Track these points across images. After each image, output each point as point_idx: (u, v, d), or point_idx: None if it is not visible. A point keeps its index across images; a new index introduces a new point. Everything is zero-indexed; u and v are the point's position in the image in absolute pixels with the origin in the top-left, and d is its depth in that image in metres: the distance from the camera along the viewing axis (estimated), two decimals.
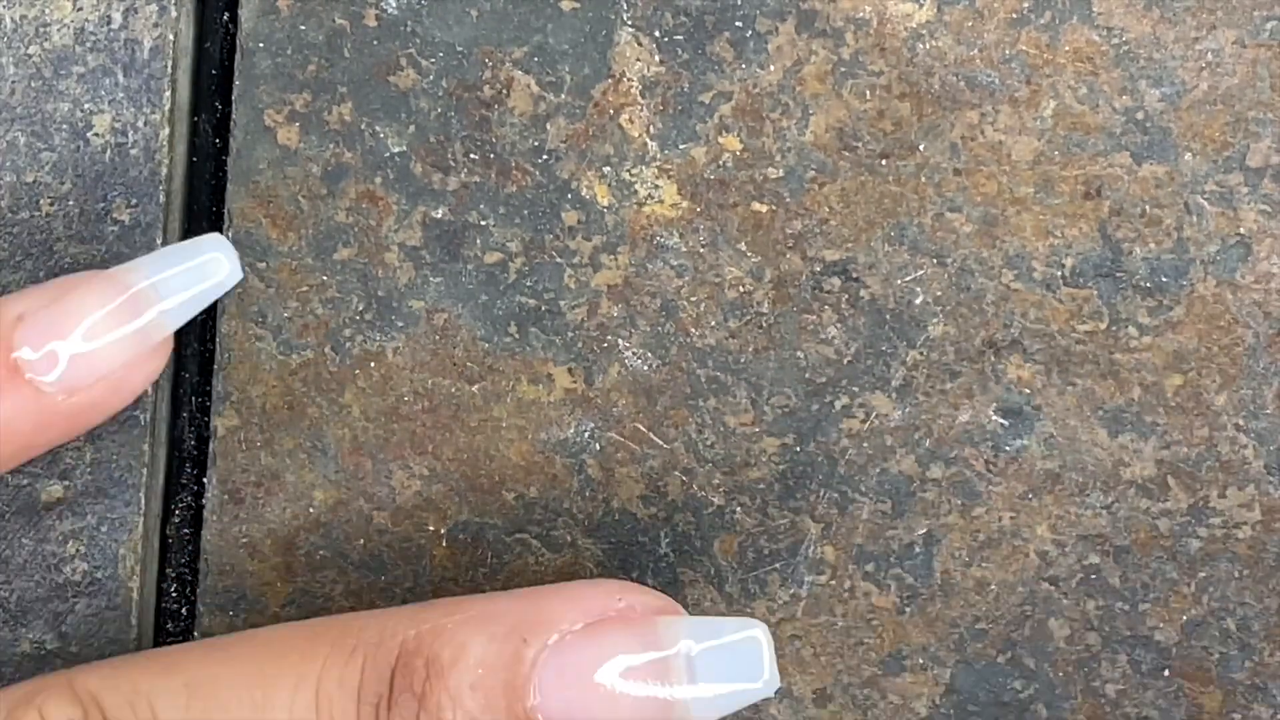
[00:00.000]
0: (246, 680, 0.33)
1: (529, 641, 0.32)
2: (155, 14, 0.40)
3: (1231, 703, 0.39)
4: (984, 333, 0.40)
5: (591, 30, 0.40)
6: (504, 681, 0.32)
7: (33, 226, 0.40)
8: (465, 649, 0.32)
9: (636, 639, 0.32)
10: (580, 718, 0.32)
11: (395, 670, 0.33)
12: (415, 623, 0.33)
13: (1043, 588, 0.40)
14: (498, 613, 0.33)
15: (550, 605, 0.33)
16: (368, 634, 0.33)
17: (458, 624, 0.33)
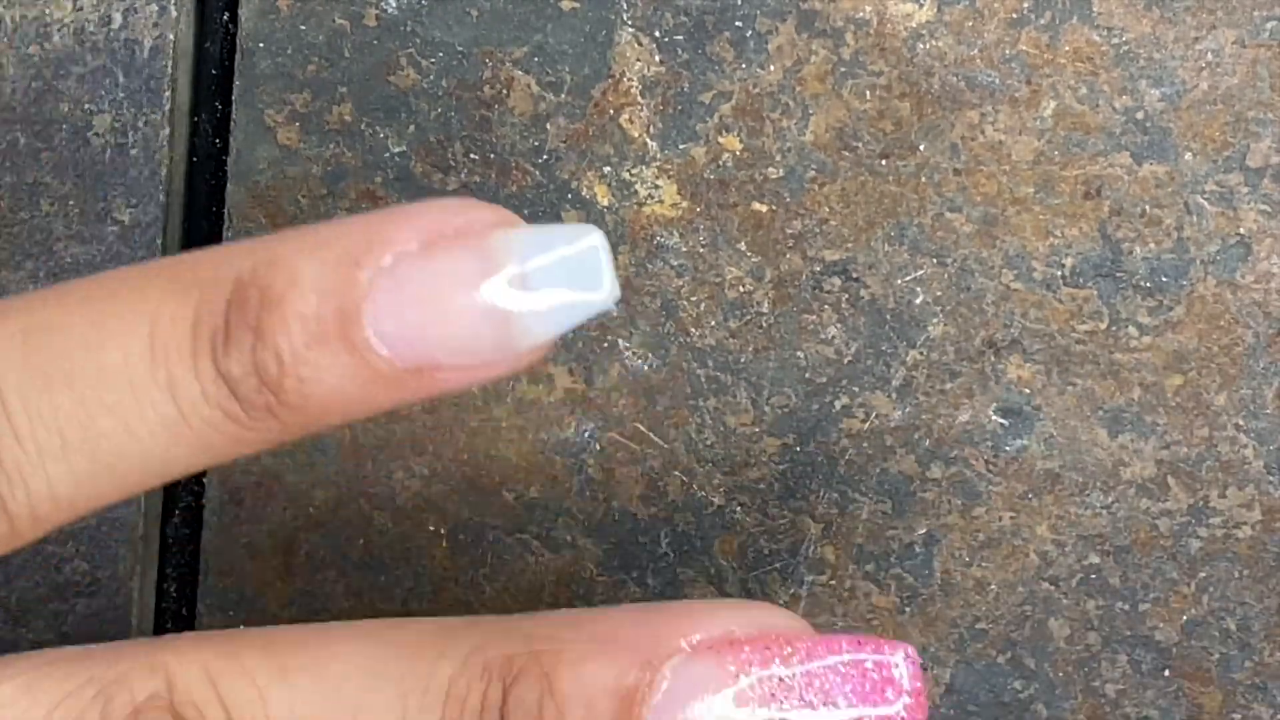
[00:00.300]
0: (82, 321, 0.32)
1: (361, 264, 0.31)
2: (155, 14, 0.40)
3: (1231, 703, 0.39)
4: (984, 332, 0.40)
5: (591, 30, 0.40)
6: (337, 308, 0.31)
7: (32, 226, 0.40)
8: (297, 277, 0.31)
9: (472, 256, 0.32)
10: (416, 339, 0.31)
11: (230, 302, 0.32)
12: (251, 255, 0.32)
13: (1043, 587, 0.40)
14: (331, 238, 0.32)
15: (384, 227, 0.32)
16: (202, 269, 0.32)
17: (291, 252, 0.32)
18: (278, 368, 0.31)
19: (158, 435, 0.32)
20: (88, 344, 0.32)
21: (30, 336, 0.32)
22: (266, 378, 0.31)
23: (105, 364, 0.32)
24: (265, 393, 0.32)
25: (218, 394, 0.32)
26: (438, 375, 0.32)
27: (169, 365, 0.32)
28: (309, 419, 0.32)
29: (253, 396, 0.32)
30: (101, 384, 0.32)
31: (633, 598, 0.40)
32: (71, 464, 0.32)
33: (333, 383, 0.32)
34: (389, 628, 0.34)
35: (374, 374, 0.32)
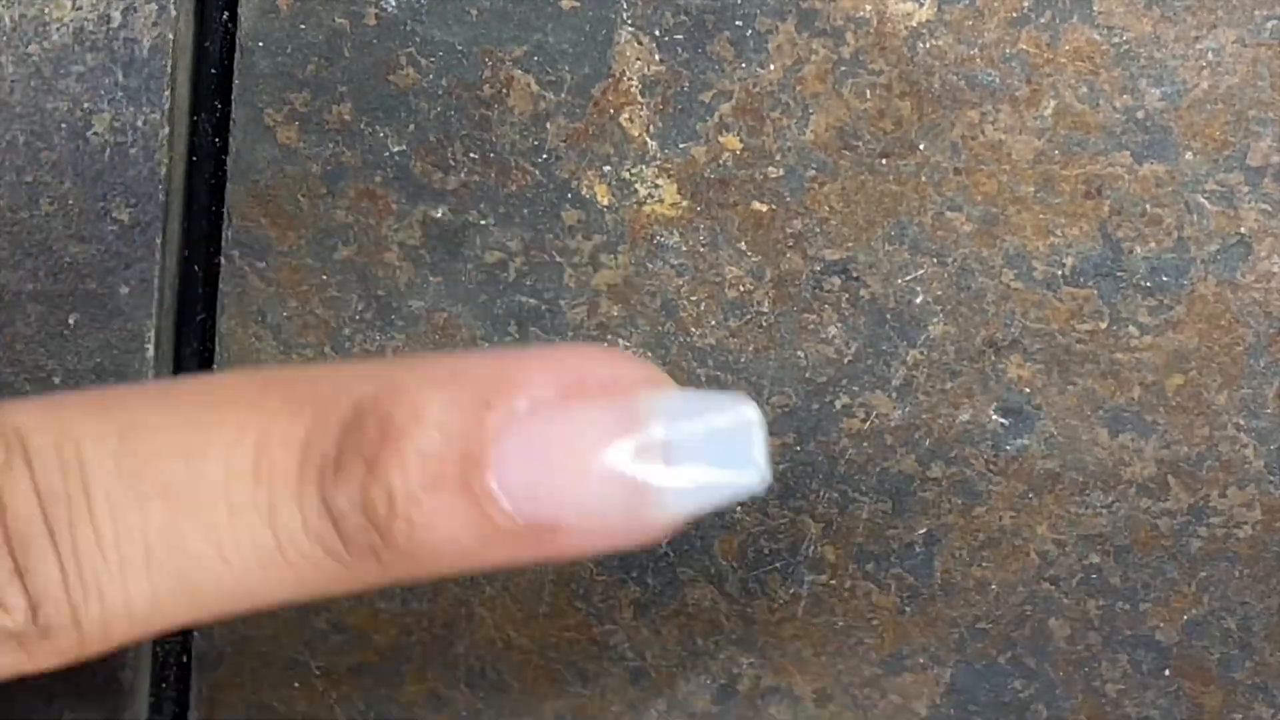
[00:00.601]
0: (184, 428, 0.30)
1: (493, 405, 0.29)
2: (155, 13, 0.40)
3: (1232, 702, 0.39)
4: (984, 332, 0.40)
5: (591, 29, 0.40)
6: (461, 451, 0.29)
7: (32, 226, 0.40)
8: (422, 411, 0.29)
9: (613, 413, 0.29)
10: (543, 496, 0.29)
11: (346, 429, 0.29)
12: (374, 379, 0.30)
13: (1043, 587, 0.40)
14: (463, 373, 0.29)
15: (520, 368, 0.29)
16: (320, 387, 0.30)
17: (418, 382, 0.29)
18: (388, 507, 0.29)
19: (249, 563, 0.30)
20: (189, 454, 0.30)
21: (128, 437, 0.30)
22: (374, 516, 0.29)
23: (205, 479, 0.30)
24: (371, 532, 0.29)
25: (320, 527, 0.29)
26: (560, 537, 0.29)
27: (272, 489, 0.29)
28: (413, 566, 0.30)
29: (357, 535, 0.29)
30: (198, 501, 0.30)
31: (633, 598, 0.40)
32: (154, 581, 0.30)
33: (446, 531, 0.29)
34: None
35: (492, 527, 0.29)
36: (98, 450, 0.30)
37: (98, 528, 0.30)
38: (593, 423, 0.29)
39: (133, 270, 0.40)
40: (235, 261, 0.41)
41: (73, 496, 0.30)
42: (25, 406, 0.31)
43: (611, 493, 0.29)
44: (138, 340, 0.40)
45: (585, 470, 0.29)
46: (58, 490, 0.30)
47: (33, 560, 0.29)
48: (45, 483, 0.30)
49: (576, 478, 0.29)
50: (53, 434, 0.30)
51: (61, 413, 0.30)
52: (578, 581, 0.41)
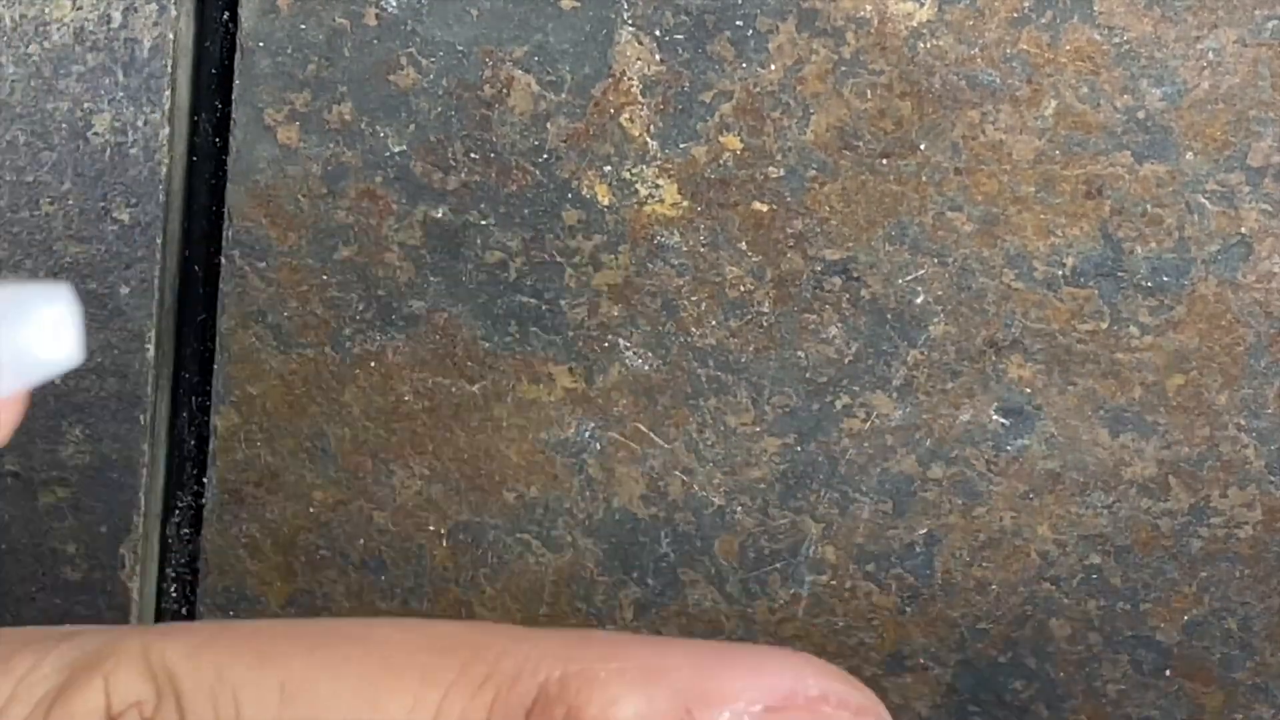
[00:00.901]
0: (353, 693, 0.29)
1: (694, 715, 0.28)
2: (155, 13, 0.40)
3: (1233, 703, 0.39)
4: (985, 332, 0.40)
5: (592, 29, 0.40)
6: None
7: (32, 226, 0.40)
8: (616, 707, 0.28)
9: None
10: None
11: (530, 714, 0.28)
12: (563, 660, 0.29)
13: (1044, 588, 0.40)
14: (663, 669, 0.28)
15: (727, 675, 0.28)
16: (505, 664, 0.29)
17: (613, 673, 0.28)
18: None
19: None
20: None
21: (291, 694, 0.29)
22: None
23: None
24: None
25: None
26: None
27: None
28: None
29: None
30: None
31: (633, 598, 0.40)
32: None
33: None
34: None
35: None
36: (257, 705, 0.29)
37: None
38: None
39: (133, 270, 0.40)
40: (235, 261, 0.41)
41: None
42: (175, 641, 0.30)
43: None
44: (138, 340, 0.40)
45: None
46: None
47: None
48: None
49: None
50: (206, 679, 0.29)
51: (215, 656, 0.29)
52: (579, 582, 0.41)
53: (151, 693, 0.29)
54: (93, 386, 0.40)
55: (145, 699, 0.29)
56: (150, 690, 0.29)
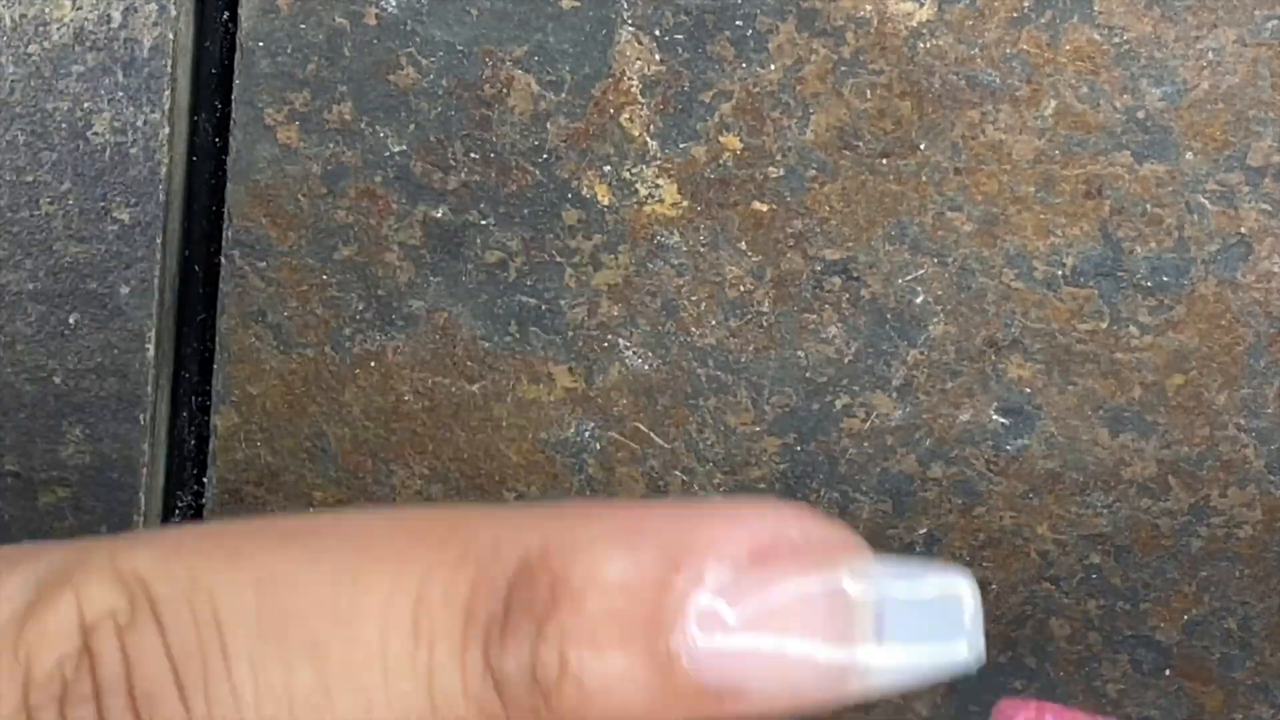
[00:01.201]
0: (331, 582, 0.28)
1: (681, 568, 0.27)
2: (155, 13, 0.40)
3: (1233, 702, 0.39)
4: (985, 332, 0.40)
5: (592, 29, 0.40)
6: (646, 613, 0.27)
7: (32, 225, 0.40)
8: (601, 569, 0.27)
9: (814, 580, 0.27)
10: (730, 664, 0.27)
11: (513, 586, 0.27)
12: (541, 531, 0.28)
13: (1044, 587, 0.40)
14: (644, 529, 0.28)
15: (710, 527, 0.28)
16: (482, 538, 0.28)
17: (595, 537, 0.27)
18: (559, 670, 0.27)
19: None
20: (339, 610, 0.28)
21: (268, 590, 0.28)
22: (543, 680, 0.27)
23: (359, 639, 0.28)
24: (535, 696, 0.27)
25: (480, 691, 0.28)
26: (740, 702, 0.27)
27: (433, 651, 0.28)
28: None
29: (521, 698, 0.27)
30: (350, 661, 0.28)
31: None
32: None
33: (620, 695, 0.27)
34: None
35: (670, 692, 0.27)
36: (234, 604, 0.28)
37: (237, 688, 0.28)
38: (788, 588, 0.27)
39: (133, 270, 0.40)
40: (235, 261, 0.41)
41: (208, 656, 0.28)
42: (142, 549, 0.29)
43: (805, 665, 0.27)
44: (138, 340, 0.40)
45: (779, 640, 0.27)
46: (192, 649, 0.28)
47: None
48: (177, 641, 0.28)
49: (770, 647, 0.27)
50: (181, 583, 0.28)
51: (188, 559, 0.29)
52: None
53: (125, 601, 0.28)
54: (92, 386, 0.40)
55: (119, 608, 0.28)
56: (123, 599, 0.28)
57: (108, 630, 0.28)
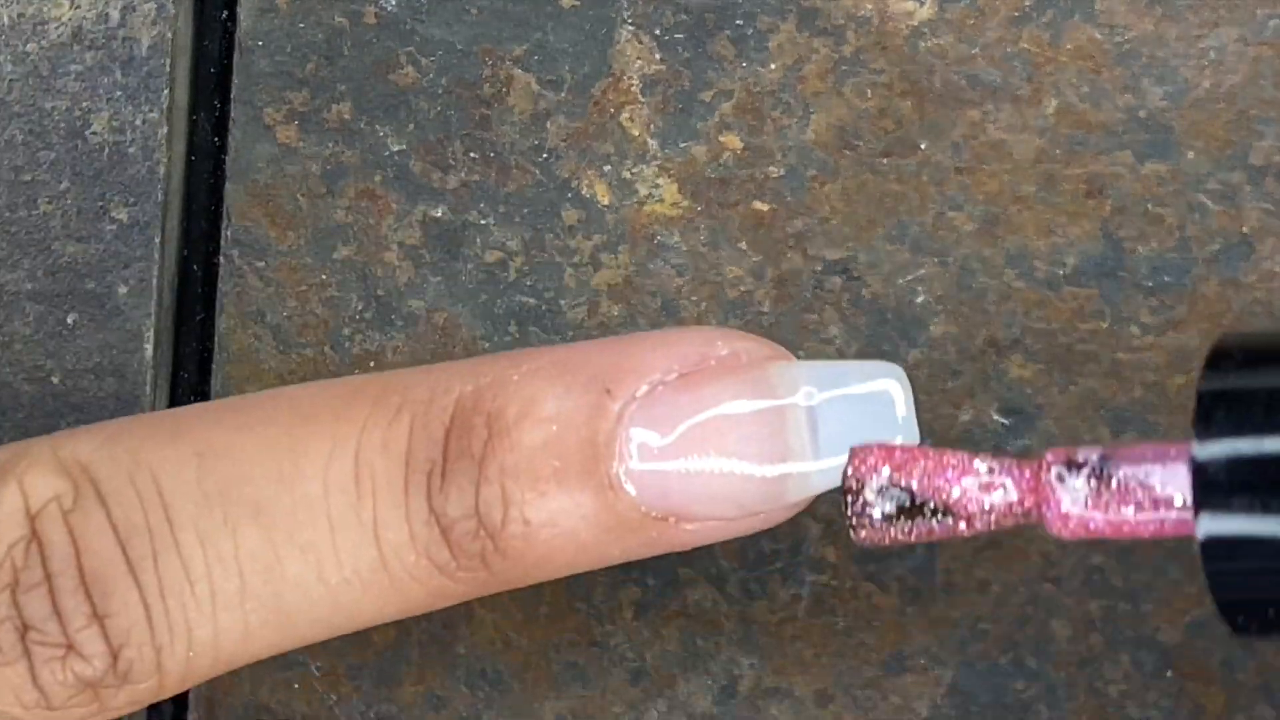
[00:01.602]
0: (270, 446, 0.28)
1: (614, 393, 0.27)
2: (153, 12, 0.40)
3: (1235, 704, 0.39)
4: (985, 332, 0.40)
5: (592, 28, 0.40)
6: (583, 439, 0.27)
7: (30, 225, 0.40)
8: (536, 402, 0.27)
9: (744, 389, 0.27)
10: (671, 483, 0.27)
11: (450, 431, 0.27)
12: (474, 375, 0.28)
13: (1045, 588, 0.40)
14: (574, 361, 0.28)
15: (638, 352, 0.28)
16: (416, 390, 0.28)
17: (525, 375, 0.27)
18: (502, 509, 0.27)
19: (351, 583, 0.28)
20: (280, 472, 0.28)
21: (209, 462, 0.28)
22: (487, 520, 0.27)
23: (301, 497, 0.27)
24: (482, 538, 0.27)
25: (427, 538, 0.27)
26: (686, 526, 0.28)
27: (377, 501, 0.27)
28: (524, 570, 0.28)
29: (467, 542, 0.27)
30: (296, 520, 0.27)
31: (633, 599, 0.40)
32: (246, 612, 0.28)
33: (565, 527, 0.27)
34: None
35: (615, 519, 0.27)
36: (176, 477, 0.28)
37: (186, 560, 0.27)
38: (720, 401, 0.27)
39: (131, 270, 0.40)
40: (234, 261, 0.41)
41: (155, 529, 0.28)
42: (84, 437, 0.29)
43: (745, 477, 0.27)
44: (136, 340, 0.40)
45: (717, 455, 0.27)
46: (138, 524, 0.28)
47: (114, 603, 0.27)
48: (123, 518, 0.28)
49: (708, 460, 0.27)
50: (123, 464, 0.28)
51: (127, 440, 0.29)
52: (578, 582, 0.41)
53: (68, 486, 0.28)
54: (90, 386, 0.40)
55: (63, 493, 0.28)
56: (67, 484, 0.28)
57: (53, 515, 0.28)
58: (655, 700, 0.40)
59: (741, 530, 0.28)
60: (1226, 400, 0.26)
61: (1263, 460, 0.26)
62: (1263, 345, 0.27)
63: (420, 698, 0.40)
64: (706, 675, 0.40)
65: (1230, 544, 0.26)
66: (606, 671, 0.40)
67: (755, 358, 0.28)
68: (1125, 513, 0.28)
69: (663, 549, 0.28)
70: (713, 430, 0.27)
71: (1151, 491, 0.27)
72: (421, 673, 0.40)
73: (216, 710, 0.40)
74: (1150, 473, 0.27)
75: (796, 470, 0.27)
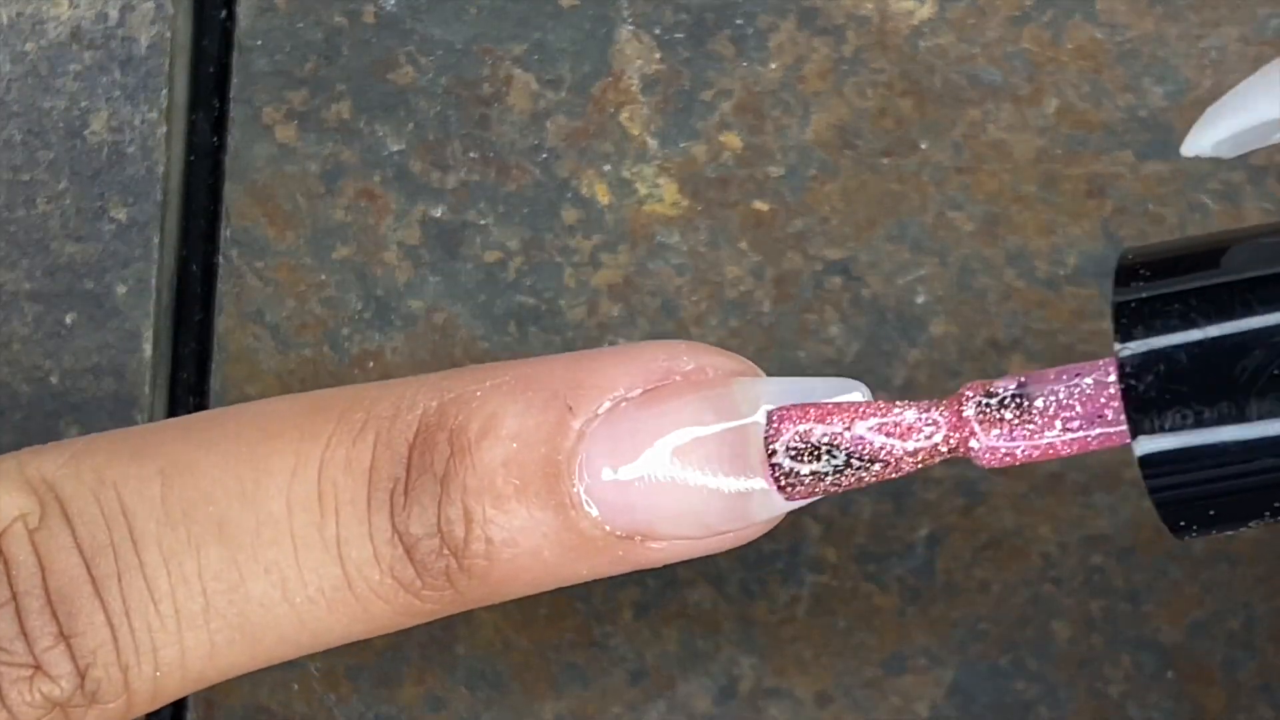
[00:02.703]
0: (234, 463, 0.28)
1: (575, 410, 0.27)
2: (152, 11, 0.40)
3: (1235, 704, 0.39)
4: (986, 331, 0.39)
5: (591, 27, 0.40)
6: (543, 457, 0.27)
7: (29, 224, 0.40)
8: (497, 419, 0.27)
9: (708, 403, 0.27)
10: (635, 501, 0.27)
11: (414, 447, 0.27)
12: (438, 391, 0.28)
13: (1045, 588, 0.39)
14: (537, 377, 0.27)
15: (601, 368, 0.27)
16: (380, 406, 0.28)
17: (488, 391, 0.27)
18: (465, 527, 0.27)
19: (316, 602, 0.28)
20: (243, 490, 0.27)
21: (172, 479, 0.28)
22: (450, 538, 0.27)
23: (265, 515, 0.27)
24: (446, 556, 0.27)
25: (391, 556, 0.27)
26: (651, 545, 0.28)
27: (340, 520, 0.27)
28: (490, 589, 0.28)
29: (431, 560, 0.27)
30: (259, 539, 0.27)
31: (632, 599, 0.40)
32: (211, 632, 0.28)
33: (528, 546, 0.27)
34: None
35: (578, 538, 0.27)
36: (140, 495, 0.28)
37: (150, 579, 0.28)
38: (684, 418, 0.27)
39: (130, 269, 0.40)
40: (233, 261, 0.41)
41: (119, 548, 0.27)
42: (49, 454, 0.29)
43: (708, 495, 0.27)
44: (135, 340, 0.40)
45: (680, 470, 0.27)
46: (102, 543, 0.28)
47: (80, 622, 0.27)
48: (87, 537, 0.28)
49: (671, 478, 0.27)
50: (87, 482, 0.28)
51: (92, 458, 0.28)
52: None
53: (34, 504, 0.28)
54: (89, 386, 0.40)
55: (29, 510, 0.28)
56: (32, 502, 0.28)
57: (19, 533, 0.28)
58: (655, 701, 0.40)
59: (712, 548, 0.28)
60: (1142, 310, 0.26)
61: (1187, 360, 0.26)
62: (1165, 253, 0.28)
63: (420, 698, 0.40)
64: (706, 675, 0.40)
65: (1168, 451, 0.27)
66: (606, 672, 0.40)
67: (721, 373, 0.28)
68: (1050, 436, 0.28)
69: (632, 567, 0.28)
70: (675, 449, 0.27)
71: (1074, 411, 0.27)
72: (421, 673, 0.40)
73: (215, 711, 0.40)
74: (1070, 392, 0.27)
75: (759, 488, 0.27)
